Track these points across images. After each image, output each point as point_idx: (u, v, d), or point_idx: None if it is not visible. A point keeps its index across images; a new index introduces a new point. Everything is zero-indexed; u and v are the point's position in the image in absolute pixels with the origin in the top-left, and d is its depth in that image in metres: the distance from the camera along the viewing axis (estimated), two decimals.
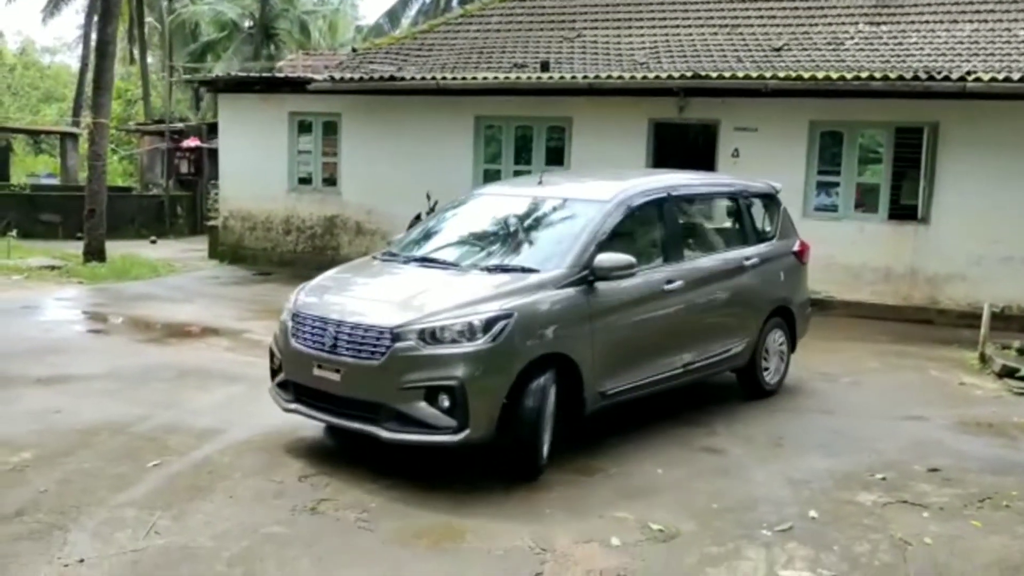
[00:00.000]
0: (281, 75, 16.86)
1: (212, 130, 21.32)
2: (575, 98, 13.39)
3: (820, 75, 11.55)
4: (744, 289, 7.27)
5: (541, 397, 5.37)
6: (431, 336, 5.22)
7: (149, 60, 40.35)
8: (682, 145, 13.98)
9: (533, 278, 5.68)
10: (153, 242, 19.38)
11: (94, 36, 31.62)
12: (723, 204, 7.87)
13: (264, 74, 17.47)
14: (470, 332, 5.21)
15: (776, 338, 7.76)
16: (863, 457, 6.21)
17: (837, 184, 12.70)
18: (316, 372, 5.51)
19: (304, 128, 15.77)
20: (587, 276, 5.78)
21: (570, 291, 5.68)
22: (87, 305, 11.70)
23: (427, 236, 6.84)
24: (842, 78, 11.47)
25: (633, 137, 13.23)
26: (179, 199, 22.47)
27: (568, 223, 6.27)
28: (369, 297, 5.97)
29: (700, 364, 6.83)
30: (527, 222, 6.55)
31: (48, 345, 8.92)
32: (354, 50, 17.25)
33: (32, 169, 33.38)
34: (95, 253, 14.86)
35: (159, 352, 8.93)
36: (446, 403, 5.14)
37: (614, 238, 6.07)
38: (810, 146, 12.56)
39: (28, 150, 40.82)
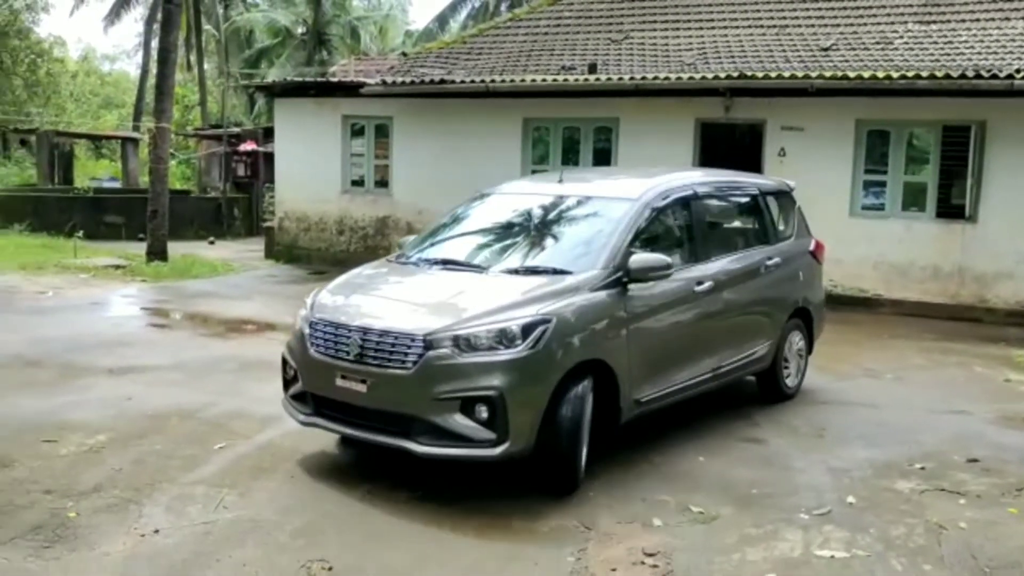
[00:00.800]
0: (334, 80, 17.28)
1: (267, 134, 21.86)
2: (622, 99, 13.57)
3: (866, 74, 11.60)
4: (767, 290, 7.11)
5: (579, 407, 5.14)
6: (466, 343, 4.94)
7: (206, 66, 41.33)
8: (728, 145, 14.10)
9: (567, 281, 5.43)
10: (211, 243, 19.95)
11: (154, 44, 32.57)
12: (744, 202, 7.56)
13: (318, 79, 17.91)
14: (508, 339, 4.94)
15: (795, 340, 7.58)
16: (903, 448, 6.33)
17: (884, 183, 12.72)
18: (339, 383, 5.18)
19: (356, 131, 16.17)
20: (621, 278, 5.56)
21: (605, 294, 5.45)
22: (151, 302, 12.18)
23: (443, 238, 6.55)
24: (888, 77, 11.50)
25: (680, 137, 13.38)
26: (236, 201, 23.06)
27: (595, 222, 6.05)
28: (395, 302, 5.61)
29: (727, 368, 6.65)
30: (551, 222, 6.33)
31: (117, 339, 9.36)
32: (404, 54, 17.65)
33: (94, 173, 34.39)
34: (157, 253, 15.41)
35: (222, 345, 9.34)
36: (484, 414, 4.86)
37: (643, 238, 5.92)
38: (857, 145, 12.60)
39: (89, 154, 42.00)
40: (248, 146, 23.24)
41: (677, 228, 6.50)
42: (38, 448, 5.77)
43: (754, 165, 13.36)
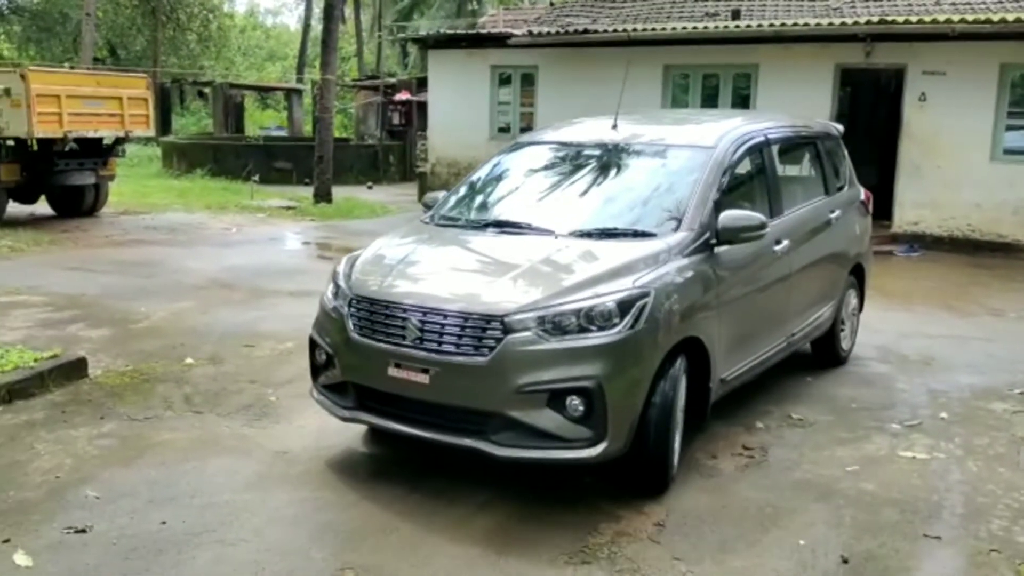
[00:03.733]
0: (483, 31, 18.12)
1: (421, 84, 23.04)
2: (762, 45, 13.86)
3: (1010, 17, 11.52)
4: (832, 246, 6.54)
5: (672, 393, 4.43)
6: (554, 325, 4.16)
7: (362, 18, 43.01)
8: (868, 90, 14.18)
9: (654, 245, 4.70)
10: (369, 187, 21.35)
11: None
12: (806, 149, 6.81)
13: (468, 31, 18.80)
14: (604, 317, 4.19)
15: (851, 299, 7.03)
16: (1007, 376, 6.73)
17: None
18: (393, 372, 4.34)
19: (504, 80, 17.02)
20: (709, 239, 4.87)
21: (697, 259, 4.75)
22: (320, 238, 13.52)
23: (485, 196, 5.81)
24: None
25: (819, 82, 13.58)
26: (391, 148, 24.41)
27: (669, 175, 5.34)
28: (456, 275, 4.76)
29: (799, 335, 6.13)
30: (614, 174, 5.56)
31: (294, 267, 10.68)
32: (552, 4, 18.30)
33: (261, 122, 36.77)
34: (323, 195, 16.83)
35: None
36: (579, 409, 4.12)
37: (723, 192, 5.15)
38: (1000, 89, 12.50)
39: (256, 105, 44.67)
40: (403, 96, 24.51)
41: (753, 180, 5.80)
42: (240, 350, 6.97)
43: (894, 110, 13.47)
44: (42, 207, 14.90)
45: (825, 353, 6.84)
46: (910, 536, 4.17)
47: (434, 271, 4.87)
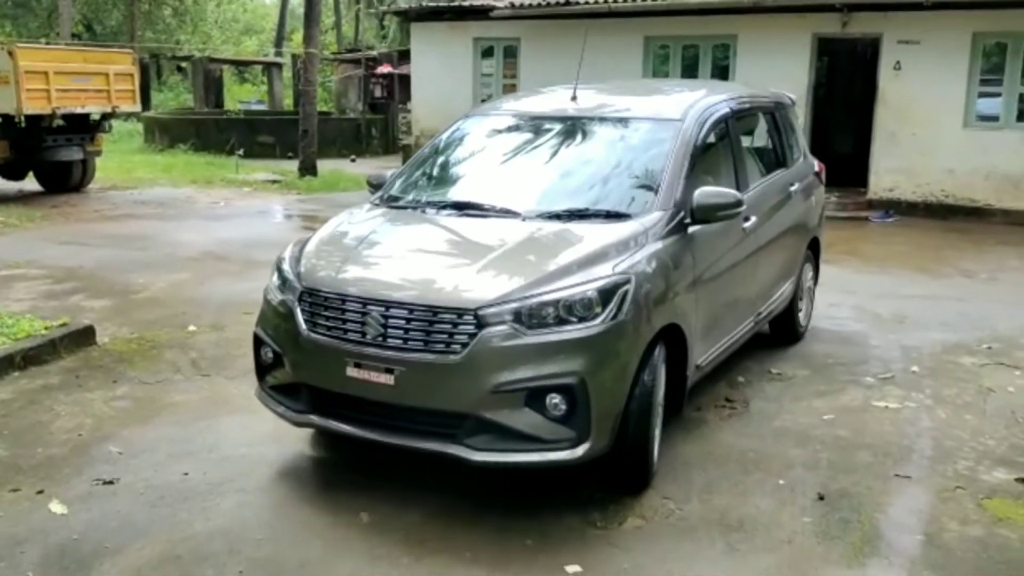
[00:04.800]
0: (466, 4, 18.24)
1: (402, 57, 23.09)
2: (740, 16, 14.09)
3: None
4: (793, 220, 6.32)
5: (651, 384, 4.15)
6: (532, 317, 3.84)
7: None
8: (844, 59, 14.47)
9: (629, 226, 4.41)
10: (353, 160, 21.47)
11: None
12: (764, 119, 6.51)
13: (451, 3, 18.91)
14: (584, 307, 3.89)
15: (808, 274, 6.88)
16: (977, 333, 7.07)
17: (999, 95, 12.92)
18: (352, 373, 3.96)
19: (486, 53, 17.17)
20: (683, 219, 4.59)
21: (672, 240, 4.48)
22: (308, 210, 13.70)
23: (441, 173, 5.43)
24: None
25: (796, 52, 13.83)
26: (373, 122, 24.49)
27: (637, 150, 5.05)
28: (419, 263, 4.33)
29: (764, 313, 5.96)
30: (578, 149, 5.22)
31: (284, 239, 10.66)
32: None
33: (240, 96, 36.56)
34: (308, 169, 16.98)
35: None
36: (560, 407, 3.82)
37: (692, 167, 4.86)
38: (973, 58, 12.81)
39: (234, 79, 44.44)
40: (385, 69, 24.58)
41: (719, 154, 5.49)
42: (240, 317, 7.18)
43: (870, 79, 13.77)
44: (30, 183, 15.00)
45: (783, 330, 6.65)
46: (882, 476, 4.51)
47: (394, 259, 4.46)
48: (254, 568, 3.63)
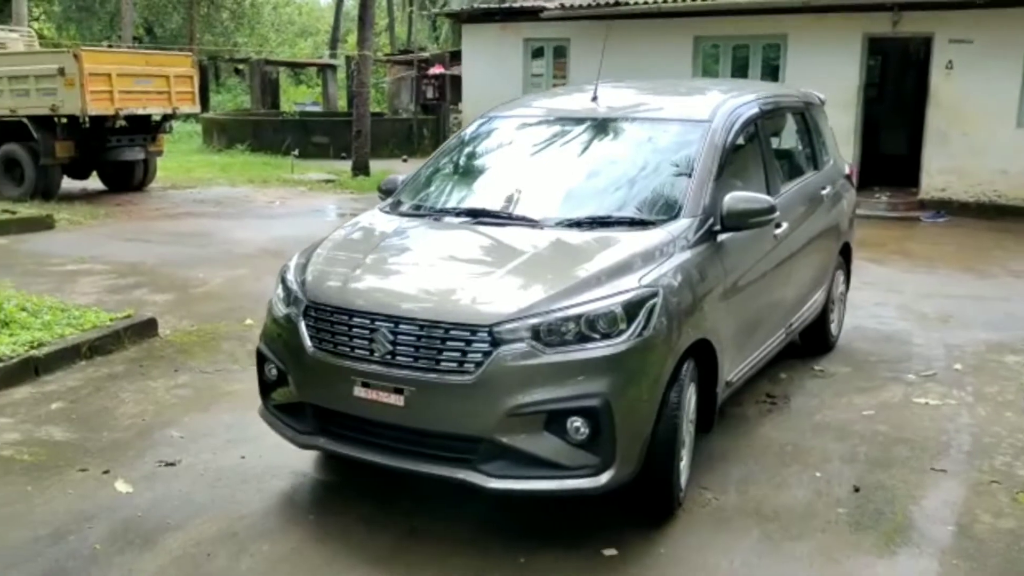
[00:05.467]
0: (516, 5, 18.43)
1: (454, 58, 23.36)
2: (790, 16, 14.05)
3: None
4: (824, 225, 6.03)
5: (678, 404, 3.88)
6: (552, 333, 3.60)
7: None
8: (898, 58, 14.35)
9: (655, 235, 4.14)
10: (404, 160, 21.74)
11: None
12: (796, 120, 6.22)
13: (502, 5, 19.10)
14: (609, 323, 3.65)
15: (839, 281, 6.58)
16: (1022, 332, 7.06)
17: None
18: (360, 393, 3.76)
19: (536, 53, 17.33)
20: (712, 226, 4.34)
21: (702, 249, 4.23)
22: (359, 209, 13.77)
23: (456, 179, 5.17)
24: None
25: (847, 52, 13.76)
26: (425, 122, 24.78)
27: (663, 153, 4.79)
28: (431, 275, 4.08)
29: (797, 324, 5.70)
30: (599, 153, 4.97)
31: None
32: None
33: (295, 98, 37.24)
34: (361, 168, 17.30)
35: None
36: (583, 431, 3.57)
37: (721, 171, 4.60)
38: None
39: (290, 81, 45.18)
40: (437, 70, 24.87)
41: (749, 156, 5.19)
42: None
43: (922, 79, 13.66)
44: (94, 182, 15.52)
45: (814, 340, 6.37)
46: (918, 470, 4.57)
47: (404, 271, 4.22)
48: (305, 543, 3.84)
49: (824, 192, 6.09)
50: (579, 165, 4.87)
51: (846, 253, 6.69)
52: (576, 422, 3.58)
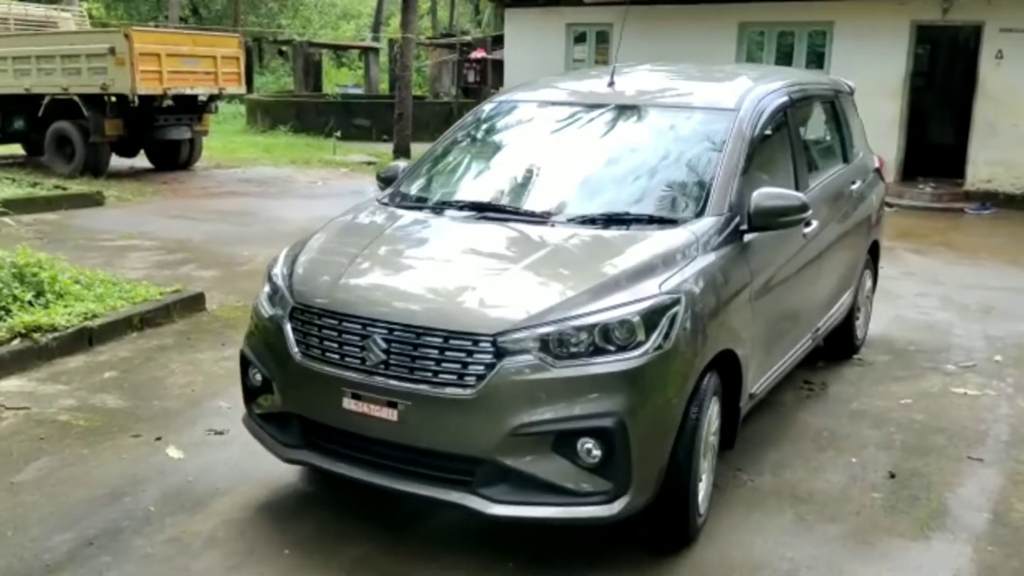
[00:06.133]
0: None
1: (495, 42, 23.43)
2: (837, 2, 13.92)
3: None
4: (854, 223, 5.66)
5: (698, 421, 3.55)
6: (562, 345, 3.27)
7: None
8: (947, 47, 14.16)
9: (678, 235, 3.79)
10: None
11: None
12: (825, 109, 5.87)
13: None
14: (626, 334, 3.31)
15: (867, 281, 6.25)
16: None
17: None
18: (349, 405, 3.45)
19: (579, 38, 17.31)
20: (739, 225, 3.98)
21: (727, 251, 3.87)
22: None
23: (460, 169, 4.79)
24: None
25: (895, 40, 13.62)
26: (466, 106, 24.76)
27: (685, 144, 4.42)
28: (432, 278, 3.70)
29: (823, 329, 5.36)
30: (616, 143, 4.57)
31: None
32: None
33: (338, 80, 37.45)
34: (402, 151, 17.42)
35: None
36: (595, 454, 3.24)
37: (749, 165, 4.24)
38: None
39: (332, 63, 45.45)
40: (478, 54, 24.95)
41: (777, 148, 4.82)
42: None
43: (971, 68, 13.47)
44: (140, 160, 15.79)
45: (839, 344, 6.01)
46: (954, 458, 4.59)
47: (400, 272, 3.85)
48: (347, 508, 3.97)
49: (853, 187, 5.73)
50: (594, 157, 4.51)
51: (874, 251, 6.35)
52: (588, 443, 3.25)
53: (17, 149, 16.25)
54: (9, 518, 3.82)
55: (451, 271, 3.73)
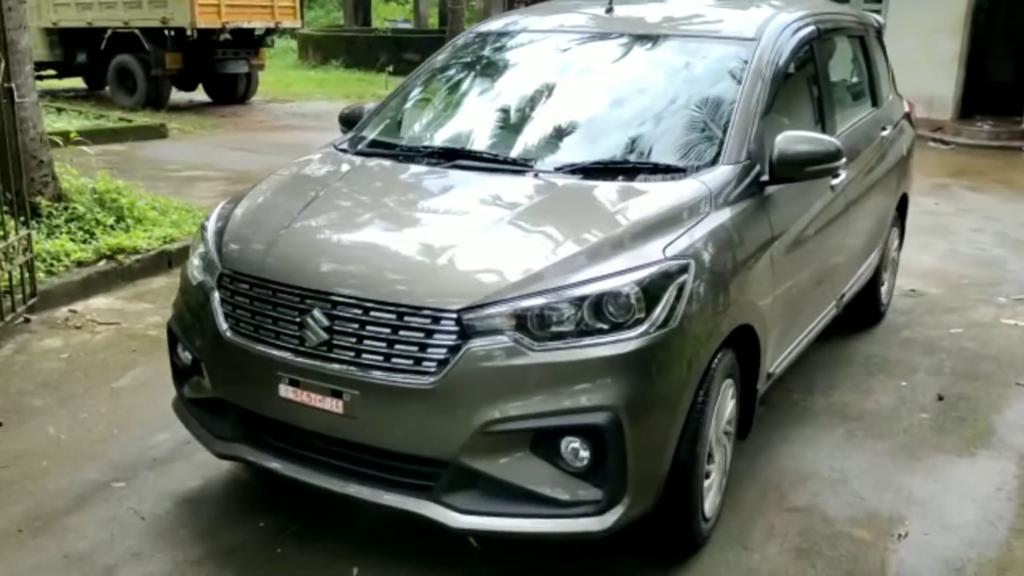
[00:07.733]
0: None
1: None
2: None
3: None
4: (883, 173, 4.99)
5: (706, 409, 2.93)
6: (541, 323, 2.67)
7: None
8: None
9: (687, 187, 3.17)
10: None
11: None
12: (854, 45, 5.14)
13: None
14: (621, 310, 2.69)
15: (893, 241, 5.57)
16: None
17: None
18: (286, 393, 2.86)
19: None
20: (759, 175, 3.37)
21: (745, 206, 3.26)
22: None
23: (432, 110, 4.11)
24: None
25: None
26: None
27: (696, 81, 3.79)
28: (388, 240, 3.08)
29: (848, 294, 4.70)
30: (617, 79, 3.91)
31: None
32: None
33: (387, 15, 37.35)
34: None
35: None
36: (582, 456, 2.68)
37: (771, 105, 3.61)
38: None
39: None
40: None
41: (801, 87, 4.19)
42: None
43: None
44: (199, 94, 16.11)
45: (861, 309, 5.33)
46: (1002, 384, 4.73)
47: (351, 233, 3.18)
48: None
49: (884, 134, 5.05)
50: (588, 96, 3.87)
51: (902, 207, 5.64)
52: (574, 444, 2.67)
53: (79, 82, 16.63)
54: (114, 419, 4.15)
55: (410, 233, 3.09)
